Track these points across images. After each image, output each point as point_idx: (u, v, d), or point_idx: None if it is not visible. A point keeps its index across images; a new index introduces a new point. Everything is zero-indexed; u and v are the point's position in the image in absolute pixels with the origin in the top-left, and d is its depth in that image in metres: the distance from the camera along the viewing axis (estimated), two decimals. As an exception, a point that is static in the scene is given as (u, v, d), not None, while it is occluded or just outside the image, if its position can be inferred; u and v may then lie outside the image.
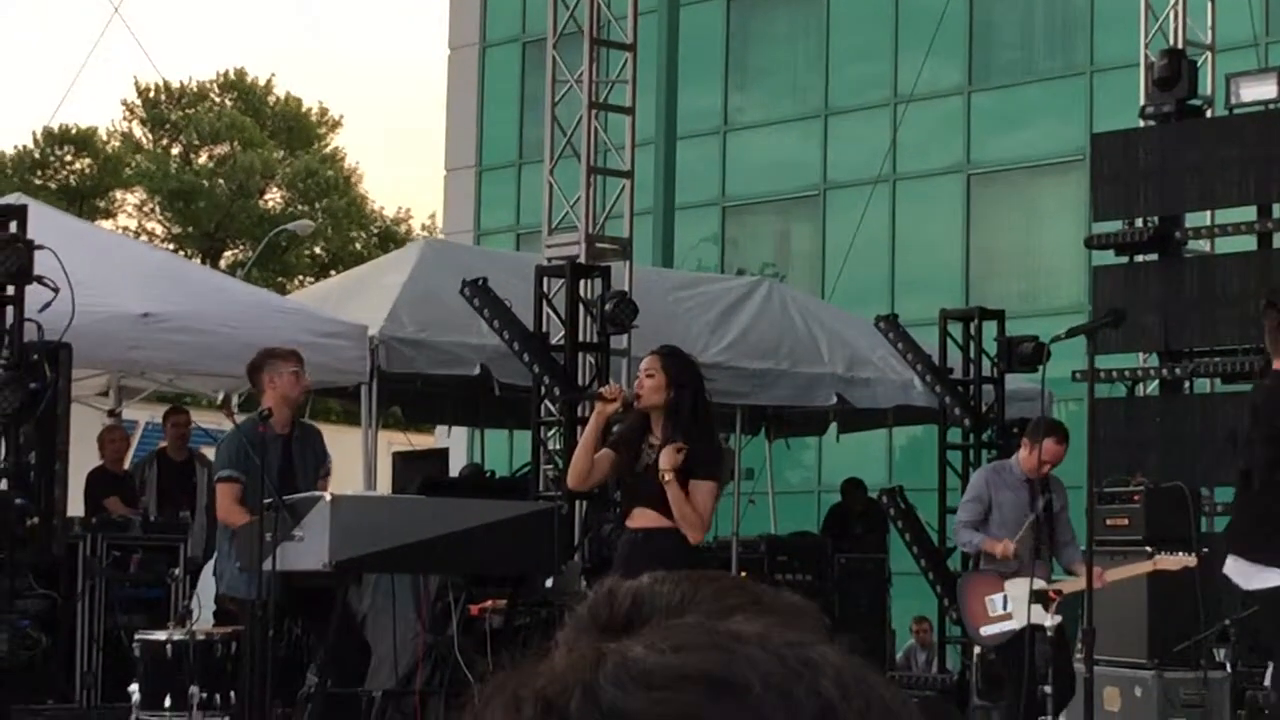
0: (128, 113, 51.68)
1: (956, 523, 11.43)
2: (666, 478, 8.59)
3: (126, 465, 15.16)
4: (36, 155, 49.86)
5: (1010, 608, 10.90)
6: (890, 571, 16.95)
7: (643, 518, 8.78)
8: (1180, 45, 14.93)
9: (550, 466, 13.39)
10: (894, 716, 1.05)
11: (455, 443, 20.33)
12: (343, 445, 16.69)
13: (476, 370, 14.18)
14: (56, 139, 49.59)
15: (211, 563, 13.38)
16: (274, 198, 51.91)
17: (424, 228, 49.87)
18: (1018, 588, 10.84)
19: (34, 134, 50.01)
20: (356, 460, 14.42)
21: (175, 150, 52.16)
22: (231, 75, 52.58)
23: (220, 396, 11.00)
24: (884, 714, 1.04)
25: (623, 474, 8.92)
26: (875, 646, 16.22)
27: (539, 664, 1.09)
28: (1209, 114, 14.41)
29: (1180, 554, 10.41)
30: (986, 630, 11.11)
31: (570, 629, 1.18)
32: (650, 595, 1.16)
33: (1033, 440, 11.10)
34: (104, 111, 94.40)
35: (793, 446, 20.83)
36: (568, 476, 9.53)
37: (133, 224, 51.12)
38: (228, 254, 50.93)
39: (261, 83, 52.92)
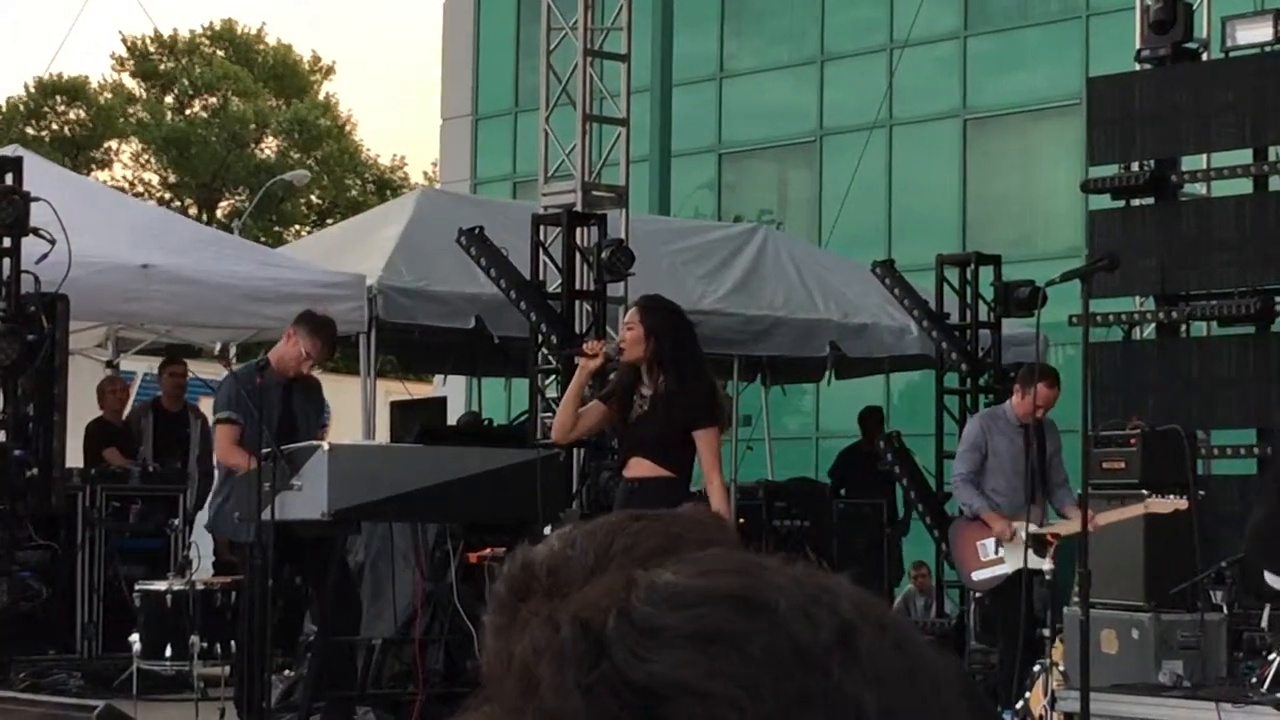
0: (117, 65, 51.57)
1: (955, 475, 11.47)
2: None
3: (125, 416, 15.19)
4: (30, 106, 49.72)
5: (1002, 552, 10.97)
6: (899, 516, 16.90)
7: (638, 467, 8.84)
8: (1176, -12, 14.89)
9: (548, 414, 13.39)
10: (905, 637, 1.11)
11: (453, 391, 20.35)
12: (341, 394, 16.76)
13: (471, 324, 14.22)
14: (48, 89, 49.45)
15: (202, 513, 13.39)
16: (269, 146, 51.80)
17: (426, 176, 49.75)
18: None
19: (26, 85, 49.95)
20: (355, 409, 14.46)
21: (168, 99, 52.00)
22: (219, 26, 52.33)
23: (218, 347, 11.02)
24: (896, 634, 1.10)
25: (617, 424, 8.97)
26: (874, 593, 16.25)
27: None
28: (1205, 57, 14.38)
29: (1171, 496, 10.48)
30: (979, 575, 11.17)
31: (493, 606, 1.20)
32: (565, 560, 1.19)
33: (1025, 386, 11.17)
34: (97, 62, 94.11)
35: (789, 393, 20.85)
36: (552, 430, 9.59)
37: (129, 175, 51.09)
38: (224, 204, 50.87)
39: (252, 32, 52.77)
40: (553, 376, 13.45)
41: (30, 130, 47.39)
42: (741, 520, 15.46)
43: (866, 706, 1.05)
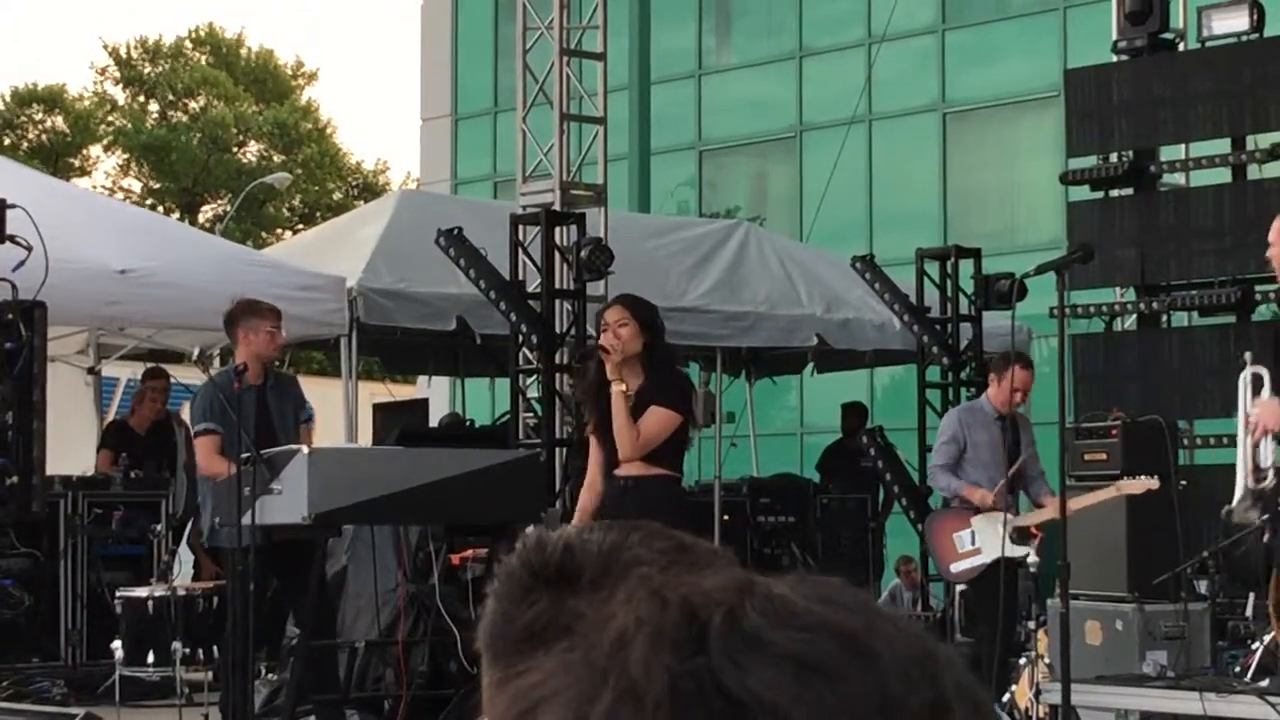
0: (98, 74, 51.46)
1: (932, 465, 11.50)
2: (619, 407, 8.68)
3: (109, 419, 15.15)
4: (6, 116, 49.56)
5: (979, 543, 10.99)
6: (879, 510, 16.92)
7: (629, 466, 8.80)
8: (1152, -22, 14.89)
9: (530, 415, 13.39)
10: None
11: (436, 392, 20.32)
12: (324, 397, 16.72)
13: (453, 325, 14.19)
14: (24, 99, 49.30)
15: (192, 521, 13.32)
16: (251, 151, 51.73)
17: (414, 180, 49.64)
18: (985, 523, 10.95)
19: (2, 96, 49.78)
20: (338, 412, 14.42)
21: (152, 107, 51.90)
22: (202, 33, 52.24)
23: (196, 352, 11.00)
24: None
25: (599, 427, 8.93)
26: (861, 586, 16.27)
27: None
28: (1181, 47, 14.39)
29: (1142, 477, 10.52)
30: (956, 567, 11.19)
31: (502, 579, 1.19)
32: (580, 544, 1.17)
33: (1000, 372, 11.20)
34: (74, 70, 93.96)
35: (778, 384, 20.81)
36: (583, 505, 9.29)
37: (109, 182, 50.96)
38: (206, 209, 50.77)
39: (232, 36, 52.68)
40: (534, 376, 13.43)
41: (7, 139, 47.26)
42: (726, 517, 15.46)
43: None
